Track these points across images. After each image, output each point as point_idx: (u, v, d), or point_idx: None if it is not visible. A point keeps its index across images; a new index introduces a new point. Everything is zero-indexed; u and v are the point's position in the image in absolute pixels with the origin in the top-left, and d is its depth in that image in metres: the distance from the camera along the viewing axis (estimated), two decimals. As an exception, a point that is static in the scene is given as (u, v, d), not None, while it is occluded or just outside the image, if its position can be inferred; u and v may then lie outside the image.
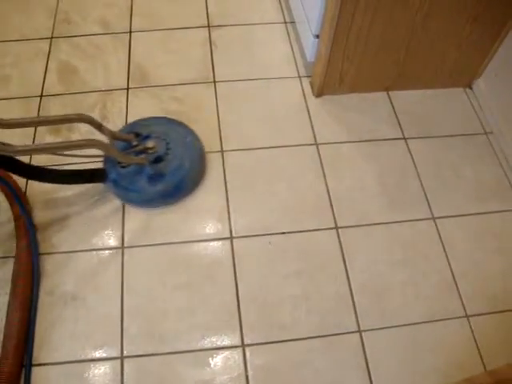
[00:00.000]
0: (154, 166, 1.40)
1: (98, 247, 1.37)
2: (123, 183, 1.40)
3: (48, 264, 1.34)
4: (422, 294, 1.33)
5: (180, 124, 1.54)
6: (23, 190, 1.45)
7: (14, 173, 1.23)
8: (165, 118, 1.56)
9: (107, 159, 1.43)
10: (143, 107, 1.65)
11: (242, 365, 1.22)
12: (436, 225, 1.45)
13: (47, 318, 1.26)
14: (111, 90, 1.69)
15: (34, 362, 1.21)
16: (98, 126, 1.27)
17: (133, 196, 1.42)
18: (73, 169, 1.39)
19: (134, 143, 1.39)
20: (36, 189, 1.46)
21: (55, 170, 1.34)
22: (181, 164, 1.42)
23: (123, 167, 1.40)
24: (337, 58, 1.54)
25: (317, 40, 1.58)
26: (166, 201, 1.44)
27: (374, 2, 1.38)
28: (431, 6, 1.42)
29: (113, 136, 1.33)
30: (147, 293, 1.31)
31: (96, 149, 1.25)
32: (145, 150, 1.39)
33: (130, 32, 1.86)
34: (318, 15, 1.50)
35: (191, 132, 1.54)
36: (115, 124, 1.59)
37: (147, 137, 1.42)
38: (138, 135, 1.42)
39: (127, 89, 1.69)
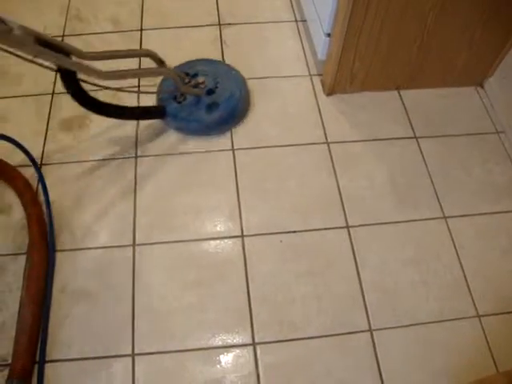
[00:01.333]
0: (209, 96, 1.59)
1: (110, 245, 1.38)
2: (182, 115, 1.57)
3: (60, 260, 1.35)
4: (433, 294, 1.33)
5: (221, 62, 1.76)
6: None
7: (85, 105, 1.35)
8: (207, 59, 1.73)
9: (162, 98, 1.61)
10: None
11: (252, 363, 1.22)
12: (447, 224, 1.44)
13: (59, 315, 1.27)
14: (122, 87, 1.69)
15: (46, 359, 1.21)
16: (160, 63, 1.46)
17: (193, 125, 1.59)
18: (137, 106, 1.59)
19: (186, 80, 1.58)
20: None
21: (122, 105, 1.49)
22: (231, 94, 1.61)
23: (179, 102, 1.58)
24: (348, 57, 1.54)
25: (328, 38, 1.57)
26: (221, 128, 1.61)
27: (385, 1, 1.37)
28: (443, 5, 1.42)
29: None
30: (158, 291, 1.31)
31: (168, 77, 1.54)
32: (197, 85, 1.59)
33: (141, 30, 1.86)
34: (329, 14, 1.49)
35: (233, 68, 1.71)
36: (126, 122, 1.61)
37: (195, 75, 1.62)
38: (187, 74, 1.61)
39: (138, 86, 1.70)
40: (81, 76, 1.27)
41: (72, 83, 1.27)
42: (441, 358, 1.24)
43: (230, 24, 1.90)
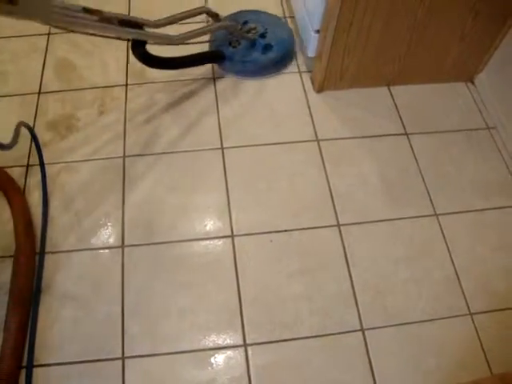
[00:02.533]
0: (263, 39, 1.72)
1: (99, 246, 1.36)
2: (238, 58, 1.70)
3: (48, 263, 1.33)
4: (425, 292, 1.32)
5: (266, 12, 1.85)
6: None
7: (153, 66, 1.48)
8: (251, 10, 1.84)
9: (217, 45, 1.73)
10: (142, 103, 1.63)
11: (244, 364, 1.21)
12: (439, 221, 1.44)
13: (47, 319, 1.25)
14: (110, 86, 1.67)
15: (34, 363, 1.19)
16: (216, 16, 1.61)
17: (250, 66, 1.70)
18: (197, 52, 1.64)
19: (239, 27, 1.69)
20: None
21: (184, 56, 1.59)
22: (282, 37, 1.76)
23: (234, 47, 1.71)
24: (338, 53, 1.53)
25: (317, 35, 1.56)
26: (276, 68, 1.74)
27: (375, -3, 1.36)
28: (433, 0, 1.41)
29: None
30: (147, 292, 1.29)
31: (228, 29, 1.65)
32: (249, 31, 1.72)
33: (129, 28, 1.83)
34: (318, 10, 1.48)
35: (279, 17, 1.86)
36: (115, 119, 1.59)
37: (246, 22, 1.75)
38: (237, 23, 1.71)
39: (126, 85, 1.67)
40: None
41: (141, 50, 1.38)
42: (433, 356, 1.24)
43: (218, 20, 1.87)
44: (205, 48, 1.75)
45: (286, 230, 1.39)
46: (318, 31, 1.55)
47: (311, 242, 1.38)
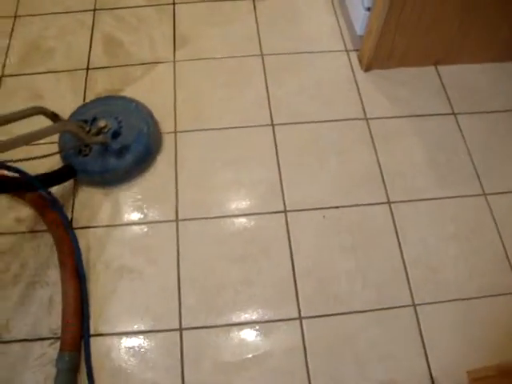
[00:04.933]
0: (116, 141, 1.42)
1: (154, 220, 1.38)
2: (93, 169, 1.40)
3: (102, 237, 1.36)
4: (475, 269, 1.34)
5: (117, 97, 1.57)
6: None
7: None
8: (99, 98, 1.56)
9: (65, 156, 1.43)
10: (190, 79, 1.64)
11: (299, 336, 1.23)
12: (487, 201, 1.44)
13: (104, 291, 1.28)
14: (157, 62, 1.68)
15: (92, 333, 1.23)
16: (54, 116, 1.28)
17: (108, 176, 1.42)
18: (41, 173, 1.32)
19: (87, 129, 1.40)
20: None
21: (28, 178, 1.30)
22: (140, 130, 1.45)
23: (85, 155, 1.41)
24: (389, 32, 1.52)
25: (368, 13, 1.55)
26: (140, 167, 1.46)
27: (429, -26, 1.36)
28: (487, -21, 1.40)
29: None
30: (203, 266, 1.32)
31: (69, 132, 1.33)
32: (100, 131, 1.40)
33: (174, 4, 1.84)
34: (371, -13, 1.47)
35: (132, 99, 1.54)
36: (164, 96, 1.61)
37: (94, 119, 1.43)
38: (85, 122, 1.43)
39: (174, 61, 1.68)
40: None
41: None
42: (483, 332, 1.26)
43: (264, -3, 1.87)
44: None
45: (337, 207, 1.41)
46: (368, 9, 1.54)
47: (363, 218, 1.40)
